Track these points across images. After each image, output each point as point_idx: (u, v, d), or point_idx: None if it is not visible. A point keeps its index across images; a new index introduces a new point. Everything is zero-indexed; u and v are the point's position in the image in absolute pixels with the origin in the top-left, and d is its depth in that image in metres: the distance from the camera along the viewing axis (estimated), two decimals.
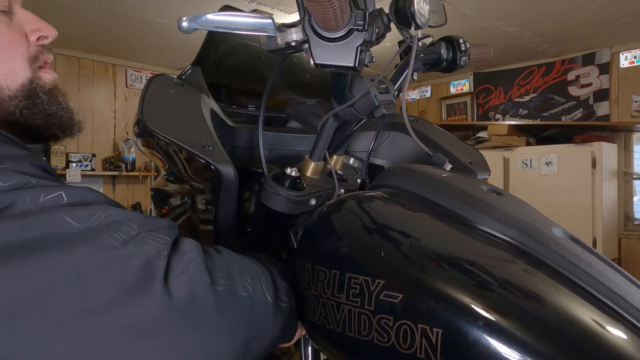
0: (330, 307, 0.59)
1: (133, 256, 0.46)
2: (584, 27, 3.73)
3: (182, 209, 0.90)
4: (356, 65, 0.63)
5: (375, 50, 0.69)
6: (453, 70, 0.91)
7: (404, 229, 0.61)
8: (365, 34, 0.62)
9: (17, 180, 0.47)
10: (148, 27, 3.81)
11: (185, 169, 0.77)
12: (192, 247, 0.52)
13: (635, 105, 4.13)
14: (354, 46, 0.63)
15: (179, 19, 0.61)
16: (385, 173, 0.77)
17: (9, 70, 0.63)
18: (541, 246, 0.56)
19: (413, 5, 0.71)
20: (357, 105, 0.72)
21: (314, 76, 1.12)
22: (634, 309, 0.50)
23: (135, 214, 0.51)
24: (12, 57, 0.64)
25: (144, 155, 4.09)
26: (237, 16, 0.62)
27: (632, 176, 4.17)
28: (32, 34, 0.66)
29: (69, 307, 0.42)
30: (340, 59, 0.64)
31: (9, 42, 0.63)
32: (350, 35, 0.62)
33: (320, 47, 0.63)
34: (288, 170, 0.73)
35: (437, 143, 0.97)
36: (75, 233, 0.45)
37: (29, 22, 0.66)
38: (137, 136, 0.79)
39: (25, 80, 0.65)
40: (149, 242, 0.48)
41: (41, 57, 0.68)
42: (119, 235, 0.47)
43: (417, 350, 0.50)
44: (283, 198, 0.72)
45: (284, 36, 0.65)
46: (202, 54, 0.96)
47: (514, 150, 4.19)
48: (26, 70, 0.65)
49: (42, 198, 0.46)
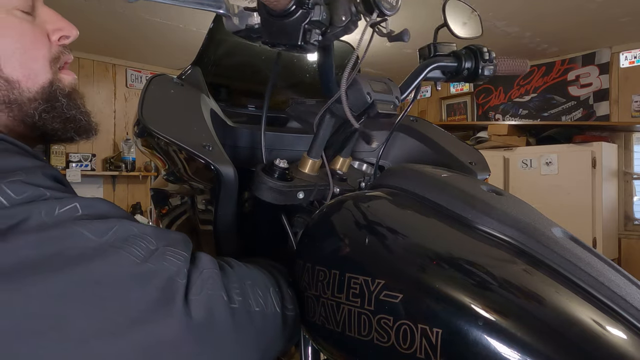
0: (330, 307, 0.59)
1: (153, 274, 0.45)
2: (584, 27, 3.73)
3: (182, 209, 0.90)
4: (301, 43, 0.65)
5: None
6: (477, 80, 0.88)
7: (403, 229, 0.61)
8: (311, 13, 0.64)
9: (30, 193, 0.46)
10: (148, 27, 3.81)
11: (185, 169, 0.77)
12: (209, 263, 0.52)
13: (635, 105, 4.13)
14: (299, 24, 0.64)
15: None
16: (385, 173, 0.76)
17: (29, 72, 0.61)
18: (541, 246, 0.56)
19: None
20: (348, 101, 0.72)
21: (314, 76, 1.12)
22: (634, 309, 0.50)
23: (150, 227, 0.50)
24: (35, 58, 0.62)
25: (144, 155, 4.08)
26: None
27: (632, 176, 4.17)
28: (54, 34, 0.64)
29: (89, 326, 0.42)
30: (286, 38, 0.65)
31: (32, 43, 0.61)
32: (297, 14, 0.64)
33: (271, 26, 0.66)
34: (277, 161, 0.73)
35: (437, 143, 0.97)
36: (93, 247, 0.44)
37: (51, 21, 0.64)
38: (137, 136, 0.79)
39: (45, 82, 0.63)
40: (169, 259, 0.47)
41: (62, 57, 0.66)
42: (138, 251, 0.46)
43: (417, 350, 0.50)
44: (268, 187, 0.72)
45: (245, 19, 0.67)
46: (202, 54, 0.96)
47: (514, 150, 4.19)
48: (47, 72, 0.63)
49: (58, 210, 0.45)
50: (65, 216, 0.46)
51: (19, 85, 0.60)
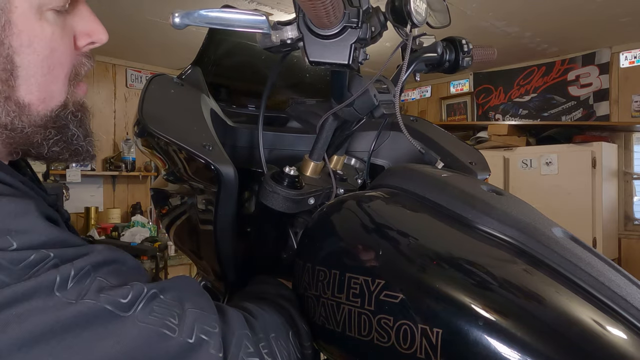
0: (330, 307, 0.59)
1: (190, 351, 0.43)
2: (584, 27, 3.73)
3: (182, 209, 0.90)
4: (350, 63, 0.64)
5: (375, 50, 0.69)
6: (455, 71, 0.90)
7: (404, 229, 0.61)
8: (359, 32, 0.63)
9: (32, 258, 0.39)
10: (148, 27, 3.81)
11: (185, 169, 0.77)
12: (237, 322, 0.50)
13: (635, 105, 4.13)
14: (348, 43, 0.63)
15: (172, 15, 0.61)
16: (385, 173, 0.77)
17: (46, 95, 0.50)
18: (541, 246, 0.56)
19: (409, 3, 0.70)
20: (356, 105, 0.72)
21: (314, 76, 1.12)
22: (634, 309, 0.50)
23: (166, 283, 0.47)
24: (56, 78, 0.51)
25: (144, 155, 4.08)
26: (231, 13, 0.61)
27: (632, 176, 4.17)
28: (81, 38, 0.53)
29: None
30: (334, 57, 0.64)
31: (59, 60, 0.50)
32: (344, 33, 0.63)
33: (315, 44, 0.64)
34: (287, 169, 0.73)
35: (437, 143, 0.97)
36: (123, 326, 0.40)
37: (81, 22, 0.52)
38: (137, 136, 0.78)
39: (58, 104, 0.52)
40: (203, 328, 0.45)
41: (82, 70, 0.55)
42: (169, 322, 0.43)
43: (417, 350, 0.50)
44: (281, 197, 0.72)
45: (279, 34, 0.65)
46: (202, 53, 0.96)
47: (514, 150, 4.19)
48: (63, 92, 0.52)
49: (71, 280, 0.40)
50: (83, 287, 0.40)
51: (29, 110, 0.49)
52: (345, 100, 0.72)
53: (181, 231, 0.92)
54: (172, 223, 0.94)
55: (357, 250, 0.61)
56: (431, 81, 5.46)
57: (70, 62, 0.52)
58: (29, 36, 0.46)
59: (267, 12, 3.29)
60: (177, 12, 0.60)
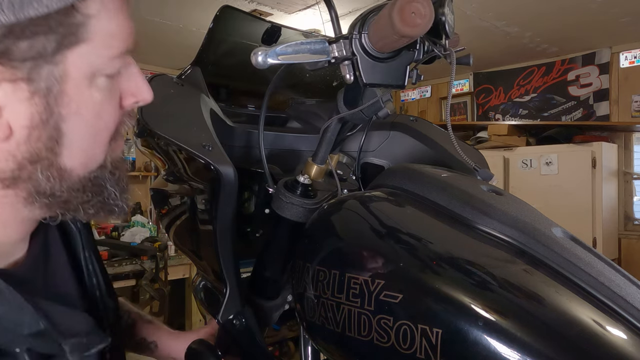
0: (330, 307, 0.59)
1: None
2: (584, 27, 3.73)
3: (182, 209, 0.90)
4: (404, 84, 0.64)
5: None
6: (432, 62, 0.90)
7: (403, 229, 0.61)
8: (414, 54, 0.63)
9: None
10: (148, 26, 3.80)
11: (185, 169, 0.77)
12: None
13: (635, 105, 4.13)
14: (403, 66, 0.64)
15: (254, 54, 0.61)
16: (385, 173, 0.76)
17: (88, 159, 0.48)
18: (541, 246, 0.56)
19: (445, 16, 0.67)
20: (364, 109, 0.72)
21: (314, 76, 1.12)
22: (634, 309, 0.50)
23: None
24: (100, 142, 0.49)
25: (144, 155, 4.09)
26: (298, 45, 0.62)
27: (632, 176, 4.17)
28: (127, 98, 0.51)
29: None
30: (390, 79, 0.64)
31: (105, 125, 0.48)
32: (400, 55, 0.63)
33: (369, 66, 0.64)
34: (300, 178, 0.73)
35: (437, 143, 0.97)
36: None
37: (128, 82, 0.50)
38: (137, 136, 0.78)
39: (97, 166, 0.49)
40: None
41: (122, 130, 0.52)
42: None
43: (417, 350, 0.50)
44: (300, 208, 0.72)
45: None
46: (201, 53, 0.96)
47: (514, 150, 4.18)
48: (103, 154, 0.50)
49: None
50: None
51: (71, 175, 0.47)
52: (357, 106, 0.72)
53: (181, 231, 0.92)
54: (172, 223, 0.94)
55: (357, 251, 0.61)
56: (431, 81, 5.46)
57: (114, 124, 0.50)
58: (77, 104, 0.45)
59: (268, 12, 3.28)
60: (259, 51, 0.61)
